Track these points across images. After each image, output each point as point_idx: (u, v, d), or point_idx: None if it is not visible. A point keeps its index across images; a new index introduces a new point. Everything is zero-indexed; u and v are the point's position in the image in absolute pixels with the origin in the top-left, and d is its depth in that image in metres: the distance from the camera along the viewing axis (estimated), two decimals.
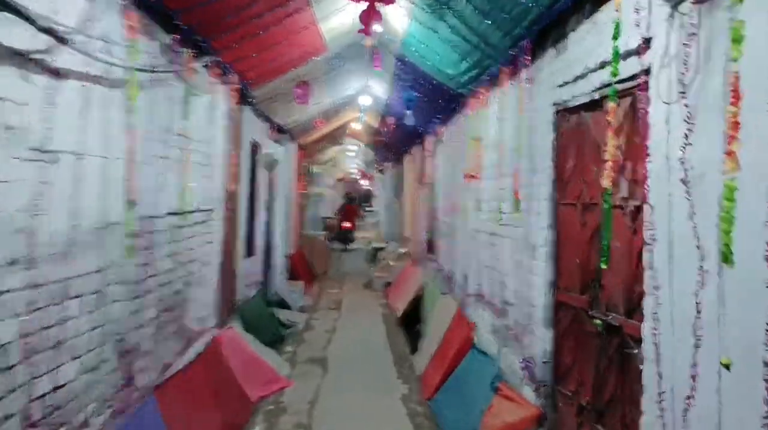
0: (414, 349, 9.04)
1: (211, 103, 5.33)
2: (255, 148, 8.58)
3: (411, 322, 10.99)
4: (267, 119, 9.20)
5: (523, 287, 4.60)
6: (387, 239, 22.65)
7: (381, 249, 19.79)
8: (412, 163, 14.14)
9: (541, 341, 4.21)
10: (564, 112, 4.07)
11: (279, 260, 11.74)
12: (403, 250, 15.37)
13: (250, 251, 8.68)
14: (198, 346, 5.58)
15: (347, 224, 22.58)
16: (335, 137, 16.11)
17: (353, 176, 42.62)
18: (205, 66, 5.04)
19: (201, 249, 5.55)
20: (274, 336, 8.99)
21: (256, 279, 9.21)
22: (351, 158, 27.06)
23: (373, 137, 16.13)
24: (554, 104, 4.17)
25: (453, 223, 7.87)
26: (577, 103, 3.84)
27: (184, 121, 4.57)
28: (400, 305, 11.31)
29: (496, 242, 5.52)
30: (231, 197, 7.23)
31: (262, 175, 9.42)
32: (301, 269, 14.21)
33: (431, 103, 8.46)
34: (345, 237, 22.50)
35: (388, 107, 11.17)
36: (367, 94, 10.44)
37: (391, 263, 14.45)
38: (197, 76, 4.87)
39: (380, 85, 9.99)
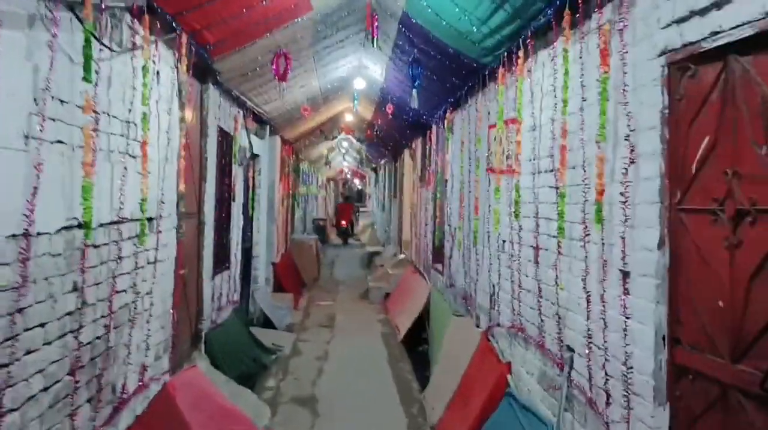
0: (422, 379, 7.52)
1: (143, 68, 3.77)
2: (226, 139, 7.02)
3: (415, 340, 9.48)
4: (240, 104, 7.63)
5: (605, 333, 3.07)
6: (383, 241, 21.10)
7: (377, 254, 18.26)
8: (412, 159, 12.60)
9: (646, 425, 2.68)
10: (685, 62, 2.54)
11: (262, 271, 10.18)
12: (402, 255, 13.82)
13: (222, 264, 7.13)
14: (136, 405, 4.03)
15: (344, 222, 25.61)
16: (325, 132, 14.56)
17: (345, 175, 41.10)
18: (126, 9, 3.47)
19: (139, 273, 3.99)
20: (253, 367, 7.44)
21: (231, 297, 7.65)
22: (343, 156, 25.48)
23: (367, 131, 14.58)
24: (664, 53, 2.64)
25: (471, 229, 6.34)
26: (720, 43, 2.31)
27: (88, 88, 3.01)
28: (403, 323, 9.78)
29: (549, 259, 3.99)
30: (191, 200, 5.67)
31: (237, 173, 7.87)
32: (288, 278, 12.64)
33: (442, 81, 6.92)
34: (345, 233, 25.53)
35: (386, 93, 9.62)
36: (361, 77, 8.90)
37: (390, 271, 12.92)
38: (110, 21, 3.31)
39: (377, 65, 8.44)
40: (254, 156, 9.45)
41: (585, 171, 3.30)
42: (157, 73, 4.31)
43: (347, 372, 7.72)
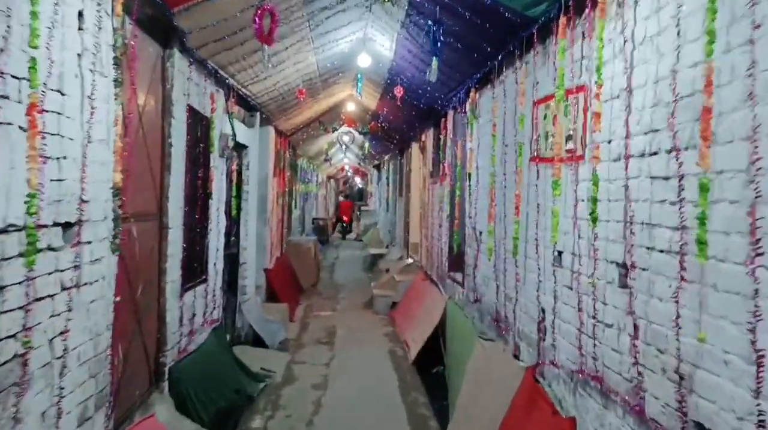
0: (441, 413, 6.20)
1: None
2: (200, 122, 5.68)
3: (429, 359, 8.15)
4: (220, 81, 6.29)
5: None
6: (386, 242, 19.77)
7: (380, 256, 16.91)
8: (421, 153, 11.25)
9: None
10: None
11: (251, 280, 8.85)
12: (409, 260, 12.48)
13: (196, 277, 5.79)
14: None
15: (345, 218, 27.81)
16: (325, 123, 13.22)
17: (346, 173, 39.75)
18: None
19: (36, 308, 2.65)
20: (236, 401, 6.10)
21: (209, 316, 6.32)
22: (344, 151, 24.14)
23: (371, 123, 13.24)
24: None
25: (509, 234, 5.01)
26: None
27: None
28: (414, 340, 8.44)
29: (654, 285, 2.66)
30: (147, 197, 4.34)
31: (218, 165, 6.54)
32: (283, 286, 11.30)
33: (467, 51, 5.59)
34: (344, 229, 27.63)
35: (395, 73, 8.27)
36: (366, 53, 7.55)
37: (397, 278, 11.57)
38: None
39: (385, 36, 7.09)
40: (241, 147, 8.12)
41: (757, 147, 1.95)
42: (80, 14, 2.97)
43: (350, 406, 6.38)
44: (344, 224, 27.65)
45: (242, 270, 8.41)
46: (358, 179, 49.08)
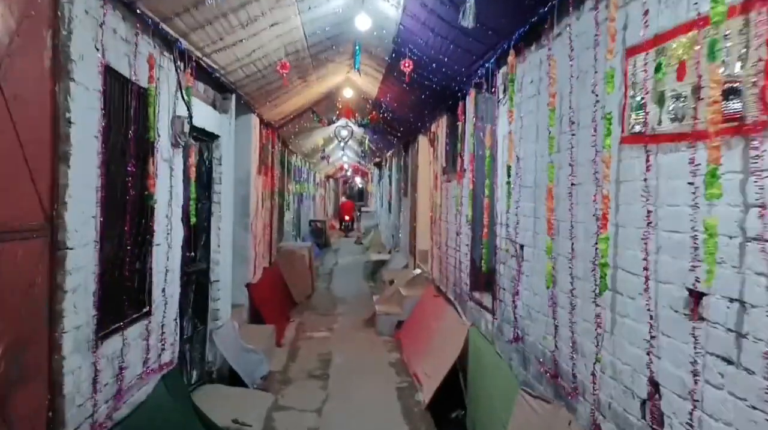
0: None
1: None
2: (127, 92, 4.00)
3: (445, 400, 6.52)
4: (165, 40, 4.61)
5: None
6: (389, 248, 18.11)
7: (383, 263, 15.26)
8: (431, 145, 9.58)
9: None
10: None
11: (226, 301, 7.18)
12: (417, 270, 10.82)
13: (130, 313, 4.14)
14: None
15: (347, 218, 29.55)
16: (319, 113, 11.55)
17: (346, 172, 38.11)
18: None
19: None
20: None
21: (156, 360, 4.66)
22: (342, 148, 22.47)
23: (371, 113, 11.58)
24: None
25: (585, 257, 3.35)
26: None
27: None
28: (427, 376, 6.80)
29: None
30: (13, 199, 2.70)
31: (171, 157, 4.88)
32: (270, 303, 9.65)
33: None
34: (347, 227, 29.25)
35: (402, 42, 6.61)
36: (365, 13, 5.87)
37: (403, 292, 9.91)
38: None
39: None
40: (210, 137, 6.45)
41: None
42: None
43: None
44: (346, 223, 29.62)
45: (213, 290, 6.75)
46: (358, 179, 47.46)
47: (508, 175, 4.73)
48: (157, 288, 4.67)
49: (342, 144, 19.24)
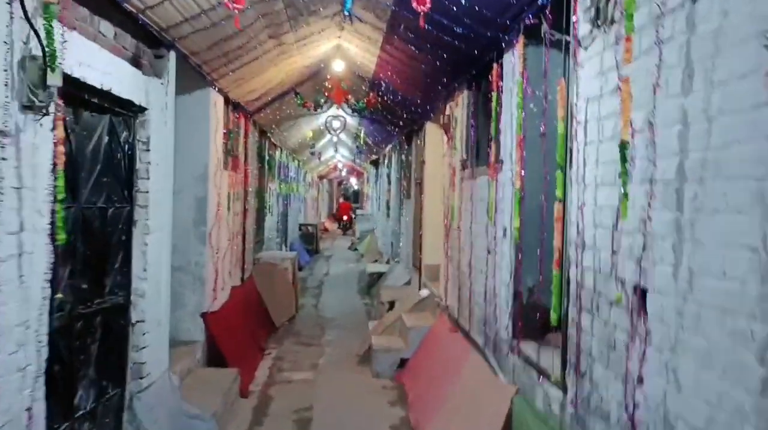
0: None
1: None
2: None
3: None
4: None
5: None
6: (387, 256, 15.97)
7: (380, 276, 13.12)
8: (445, 132, 7.42)
9: None
10: None
11: (158, 348, 5.00)
12: (424, 291, 8.66)
13: None
14: None
15: (345, 218, 31.55)
16: (304, 97, 9.40)
17: (340, 172, 36.05)
18: None
19: None
20: None
21: None
22: (335, 144, 20.35)
23: (368, 95, 9.44)
24: None
25: None
26: None
27: None
28: None
29: None
30: None
31: (16, 128, 2.76)
32: (236, 334, 7.51)
33: None
34: (345, 226, 31.08)
35: None
36: None
37: (407, 321, 7.76)
38: None
39: None
40: (125, 108, 4.28)
41: None
42: None
43: None
44: (344, 223, 31.57)
45: (136, 334, 4.59)
46: (353, 180, 45.42)
47: (623, 161, 2.58)
48: None
49: (334, 138, 17.15)
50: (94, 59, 3.59)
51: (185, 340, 6.57)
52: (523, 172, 4.14)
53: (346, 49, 7.72)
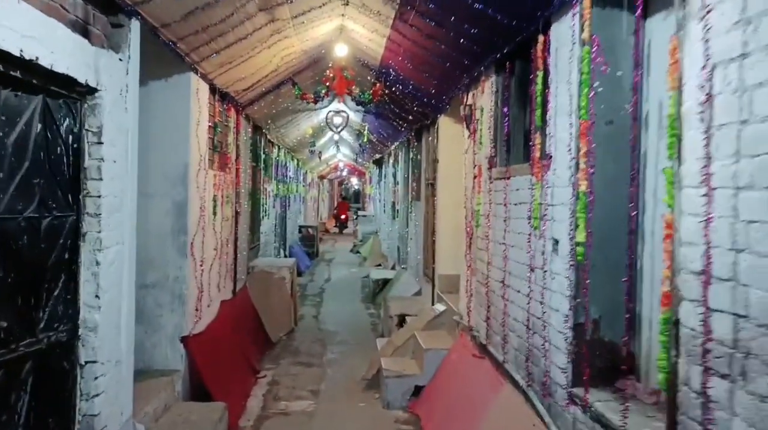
0: None
1: None
2: None
3: None
4: None
5: None
6: (392, 261, 14.97)
7: (386, 284, 12.12)
8: (466, 126, 6.39)
9: None
10: None
11: (121, 391, 3.98)
12: (439, 306, 7.64)
13: None
14: None
15: (343, 216, 33.10)
16: (302, 88, 8.39)
17: (341, 172, 35.11)
18: None
19: None
20: None
21: None
22: (336, 143, 19.34)
23: (374, 86, 8.42)
24: None
25: None
26: None
27: None
28: None
29: None
30: None
31: None
32: (224, 359, 6.51)
33: None
34: (342, 225, 32.49)
35: None
36: None
37: (421, 341, 6.75)
38: None
39: None
40: (65, 88, 3.27)
41: None
42: None
43: None
44: (342, 222, 32.87)
45: (86, 380, 3.56)
46: (354, 180, 44.48)
47: None
48: None
49: (336, 136, 16.14)
50: (6, 15, 2.58)
51: (162, 369, 5.56)
52: (591, 170, 3.12)
53: (351, 30, 6.72)
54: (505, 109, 4.87)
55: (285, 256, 14.69)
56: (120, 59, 3.80)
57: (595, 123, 3.18)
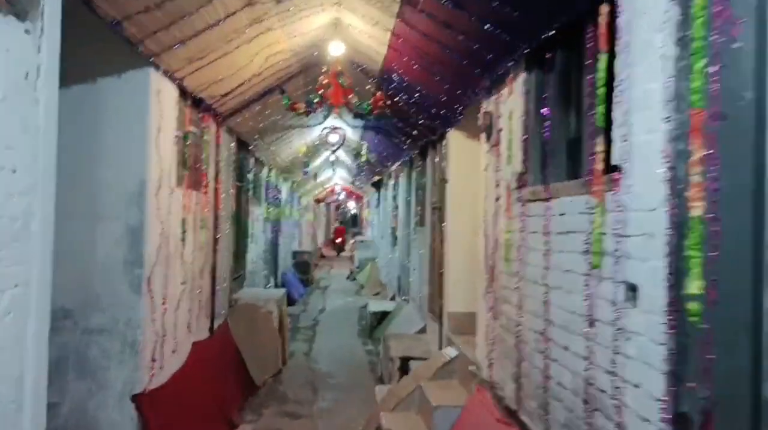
0: None
1: None
2: None
3: None
4: None
5: None
6: (391, 291, 13.85)
7: (385, 317, 11.00)
8: (488, 137, 5.33)
9: None
10: None
11: None
12: (451, 351, 6.50)
13: None
14: None
15: (339, 240, 34.42)
16: (290, 97, 7.35)
17: (337, 196, 34.10)
18: None
19: None
20: None
21: None
22: (331, 164, 18.30)
23: (374, 96, 7.38)
24: None
25: None
26: None
27: None
28: None
29: None
30: None
31: None
32: (186, 421, 5.36)
33: None
34: (339, 248, 33.38)
35: None
36: None
37: (430, 396, 5.60)
38: None
39: None
40: None
41: None
42: None
43: None
44: (339, 245, 34.03)
45: None
46: (351, 204, 43.48)
47: None
48: None
49: (332, 157, 15.15)
50: None
51: None
52: (714, 185, 2.04)
53: (347, 25, 5.69)
54: (545, 111, 3.82)
55: (276, 285, 13.54)
56: (27, 31, 2.74)
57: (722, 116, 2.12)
